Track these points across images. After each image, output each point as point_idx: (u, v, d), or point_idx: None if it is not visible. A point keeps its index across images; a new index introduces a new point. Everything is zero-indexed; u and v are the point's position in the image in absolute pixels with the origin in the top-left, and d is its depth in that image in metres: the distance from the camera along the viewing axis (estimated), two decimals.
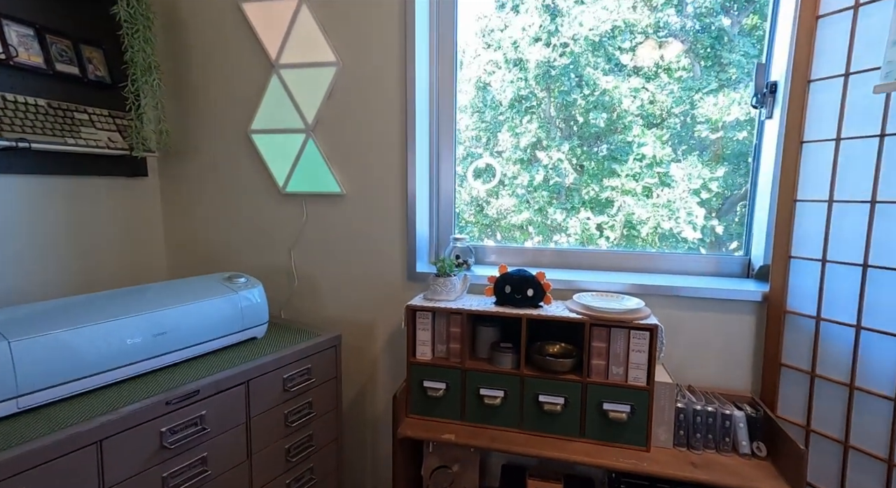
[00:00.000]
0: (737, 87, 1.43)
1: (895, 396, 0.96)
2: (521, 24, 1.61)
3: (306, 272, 1.55)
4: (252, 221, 1.58)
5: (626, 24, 1.51)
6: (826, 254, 1.06)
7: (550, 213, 1.70)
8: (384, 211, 1.45)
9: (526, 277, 1.20)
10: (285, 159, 1.49)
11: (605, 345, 1.12)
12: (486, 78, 1.68)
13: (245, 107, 1.51)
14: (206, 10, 1.50)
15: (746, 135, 1.40)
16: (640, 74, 1.52)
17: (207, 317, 1.13)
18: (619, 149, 1.59)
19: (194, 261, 1.67)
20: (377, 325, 1.52)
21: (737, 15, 1.48)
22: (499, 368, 1.19)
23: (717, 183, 1.49)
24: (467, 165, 1.64)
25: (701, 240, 1.58)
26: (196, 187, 1.62)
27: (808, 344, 1.10)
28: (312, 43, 1.41)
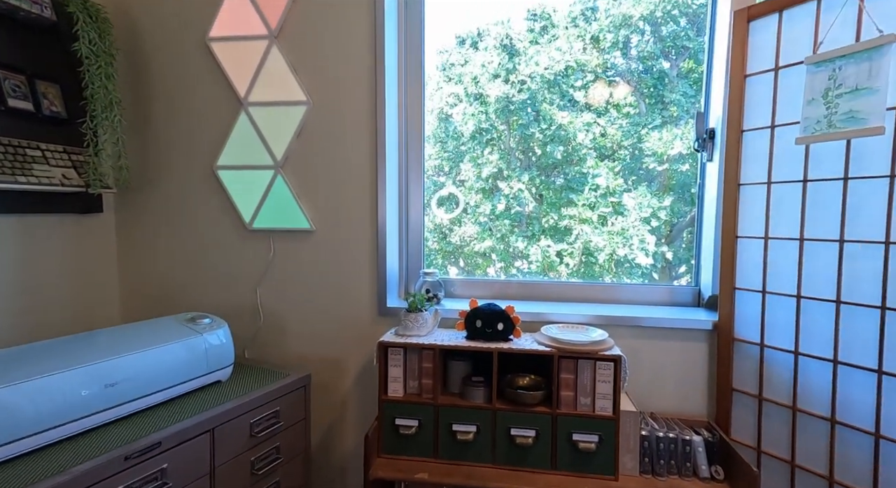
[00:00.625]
0: (678, 124, 1.56)
1: (831, 417, 1.06)
2: (481, 61, 1.71)
3: (273, 309, 1.52)
4: (216, 258, 1.54)
5: (577, 65, 1.63)
6: (765, 285, 1.17)
7: (512, 241, 1.76)
8: (354, 246, 1.46)
9: (496, 311, 1.24)
10: (252, 195, 1.48)
11: (572, 376, 1.16)
12: (448, 109, 1.75)
13: (211, 142, 1.50)
14: (173, 47, 1.49)
15: (689, 167, 1.53)
16: (592, 110, 1.64)
17: (168, 362, 1.08)
18: (576, 179, 1.68)
19: (151, 301, 1.59)
20: (346, 362, 1.50)
21: (675, 59, 1.64)
22: (471, 402, 1.21)
23: (665, 211, 1.61)
24: (431, 194, 1.68)
25: (653, 266, 1.69)
26: (156, 223, 1.57)
27: (755, 369, 1.19)
28: (282, 82, 1.43)
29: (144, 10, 1.49)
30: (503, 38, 1.73)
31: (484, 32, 1.73)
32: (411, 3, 1.48)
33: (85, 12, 1.26)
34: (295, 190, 1.47)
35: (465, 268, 1.80)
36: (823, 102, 1.00)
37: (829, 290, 1.05)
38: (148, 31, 1.50)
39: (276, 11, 1.40)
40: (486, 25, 1.71)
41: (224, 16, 1.43)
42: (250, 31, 1.42)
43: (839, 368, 1.04)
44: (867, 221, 1.00)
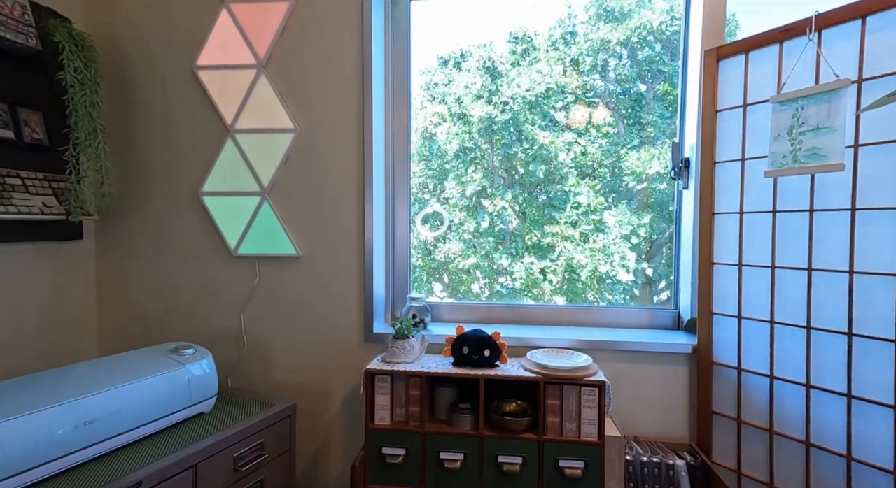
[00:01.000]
0: (655, 144, 1.62)
1: (806, 439, 1.09)
2: (465, 82, 1.76)
3: (257, 336, 1.51)
4: (199, 285, 1.52)
5: (558, 87, 1.69)
6: (741, 311, 1.21)
7: (496, 258, 1.79)
8: (341, 270, 1.46)
9: (483, 338, 1.25)
10: (238, 221, 1.48)
11: (558, 402, 1.18)
12: (433, 128, 1.79)
13: (197, 169, 1.49)
14: (159, 74, 1.49)
15: (667, 186, 1.58)
16: (573, 130, 1.69)
17: (150, 396, 1.06)
18: (558, 197, 1.73)
19: (132, 330, 1.56)
20: (332, 389, 1.48)
21: (651, 82, 1.71)
22: (458, 430, 1.21)
23: (645, 229, 1.66)
24: (416, 212, 1.71)
25: (634, 282, 1.73)
26: (138, 250, 1.54)
27: (734, 392, 1.23)
28: (270, 110, 1.44)
29: (131, 39, 1.50)
30: (486, 61, 1.79)
31: (467, 53, 1.78)
32: (397, 28, 1.52)
33: (71, 41, 1.26)
34: (281, 215, 1.47)
35: (449, 285, 1.82)
36: (788, 139, 1.06)
37: (801, 316, 1.10)
38: (134, 58, 1.50)
39: (265, 42, 1.42)
40: (468, 47, 1.76)
41: (212, 45, 1.44)
42: (239, 60, 1.43)
43: (812, 392, 1.09)
44: (832, 251, 1.05)
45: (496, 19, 1.71)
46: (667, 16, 1.64)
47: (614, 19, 1.72)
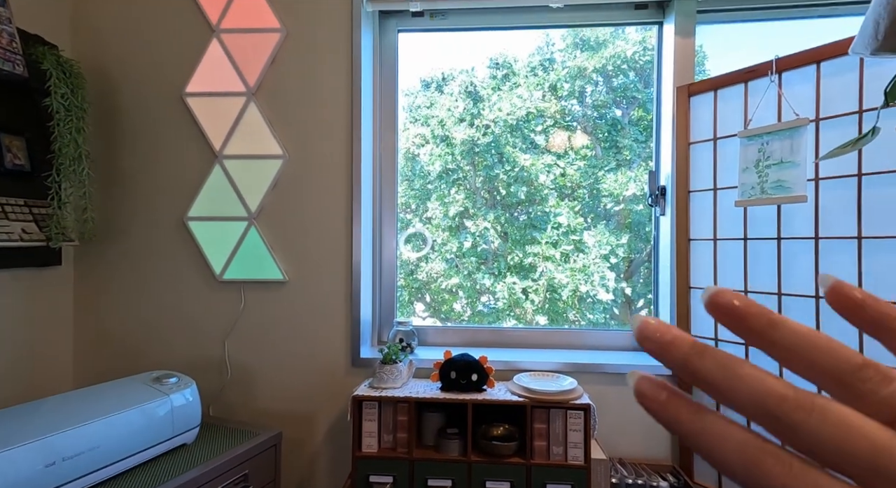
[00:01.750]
0: (631, 167, 1.69)
1: None
2: (447, 105, 1.81)
3: (241, 363, 1.48)
4: (182, 311, 1.50)
5: (537, 111, 1.76)
6: (717, 334, 1.27)
7: (479, 278, 1.81)
8: (328, 295, 1.46)
9: (470, 362, 1.27)
10: (224, 246, 1.47)
11: (545, 425, 1.19)
12: (415, 149, 1.82)
13: (183, 194, 1.49)
14: (147, 101, 1.50)
15: (643, 207, 1.65)
16: (552, 152, 1.75)
17: (131, 429, 1.03)
18: (539, 218, 1.77)
19: (111, 358, 1.52)
20: (318, 416, 1.47)
21: (626, 108, 1.79)
22: (446, 455, 1.21)
23: (623, 248, 1.71)
24: (399, 232, 1.73)
25: (614, 301, 1.77)
26: (119, 275, 1.52)
27: None
28: (259, 136, 1.46)
29: (119, 66, 1.50)
30: (468, 85, 1.84)
31: (449, 77, 1.83)
32: (385, 57, 1.57)
33: (58, 68, 1.26)
34: (268, 240, 1.47)
35: (431, 305, 1.83)
36: (756, 171, 1.14)
37: None
38: (122, 85, 1.50)
39: (255, 70, 1.45)
40: (450, 71, 1.82)
41: (202, 73, 1.46)
42: (228, 87, 1.45)
43: None
44: (799, 276, 1.12)
45: (477, 46, 1.78)
46: (639, 46, 1.73)
47: (590, 48, 1.80)
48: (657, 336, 0.18)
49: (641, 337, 0.18)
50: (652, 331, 0.18)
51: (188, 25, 1.47)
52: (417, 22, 1.57)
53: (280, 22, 1.44)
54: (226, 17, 1.45)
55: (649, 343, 0.18)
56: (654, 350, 0.18)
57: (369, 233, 1.54)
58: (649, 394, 0.17)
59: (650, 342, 0.18)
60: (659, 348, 0.17)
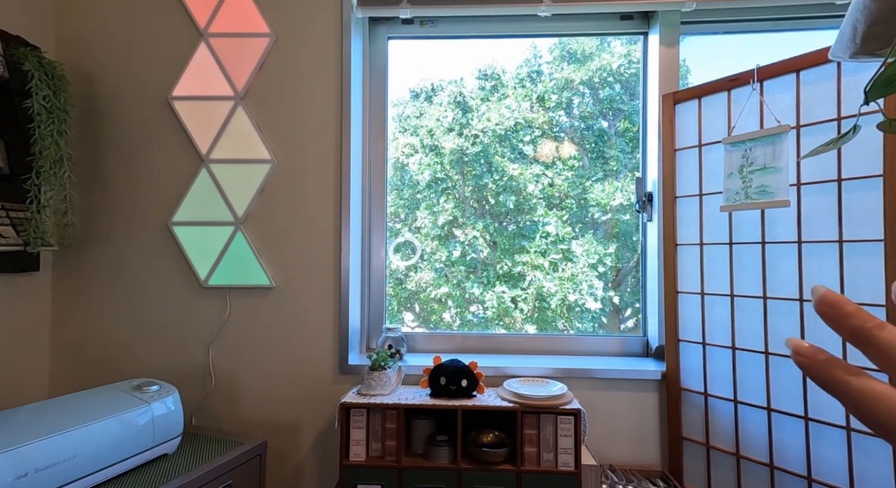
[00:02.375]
0: (618, 177, 1.72)
1: (770, 462, 1.14)
2: (436, 115, 1.82)
3: (226, 371, 1.45)
4: (164, 318, 1.46)
5: (525, 121, 1.77)
6: (705, 337, 1.27)
7: (468, 287, 1.81)
8: (316, 301, 1.44)
9: (460, 368, 1.26)
10: (209, 251, 1.45)
11: (535, 431, 1.18)
12: (405, 159, 1.82)
13: (167, 198, 1.46)
14: (132, 104, 1.48)
15: (630, 216, 1.67)
16: (541, 162, 1.77)
17: (109, 438, 1.00)
18: (527, 227, 1.78)
19: (91, 367, 1.47)
20: (304, 424, 1.44)
21: (612, 119, 1.82)
22: (435, 463, 1.19)
23: (611, 257, 1.72)
24: (388, 241, 1.72)
25: (602, 310, 1.78)
26: (100, 281, 1.48)
27: (702, 418, 1.27)
28: (247, 141, 1.44)
29: (104, 68, 1.48)
30: (457, 95, 1.86)
31: (438, 88, 1.84)
32: (375, 64, 1.57)
33: (41, 69, 1.23)
34: (255, 245, 1.45)
35: (420, 314, 1.82)
36: (740, 177, 1.16)
37: (759, 342, 1.17)
38: (107, 88, 1.48)
39: (244, 74, 1.44)
40: (439, 82, 1.83)
41: (189, 76, 1.44)
42: (216, 91, 1.44)
43: (773, 415, 1.14)
44: (783, 280, 1.13)
45: (466, 56, 1.80)
46: (624, 60, 1.77)
47: (577, 61, 1.83)
48: (839, 304, 0.20)
49: (821, 301, 0.20)
50: (833, 298, 0.20)
51: (175, 29, 1.46)
52: (407, 29, 1.59)
53: (269, 27, 1.44)
54: (214, 22, 1.44)
55: (829, 308, 0.20)
56: (832, 315, 0.20)
57: (358, 238, 1.52)
58: (808, 354, 0.20)
59: (830, 308, 0.20)
60: (839, 315, 0.20)
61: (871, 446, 1.00)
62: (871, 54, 0.51)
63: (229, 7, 1.44)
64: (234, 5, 1.44)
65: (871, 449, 1.00)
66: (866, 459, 1.00)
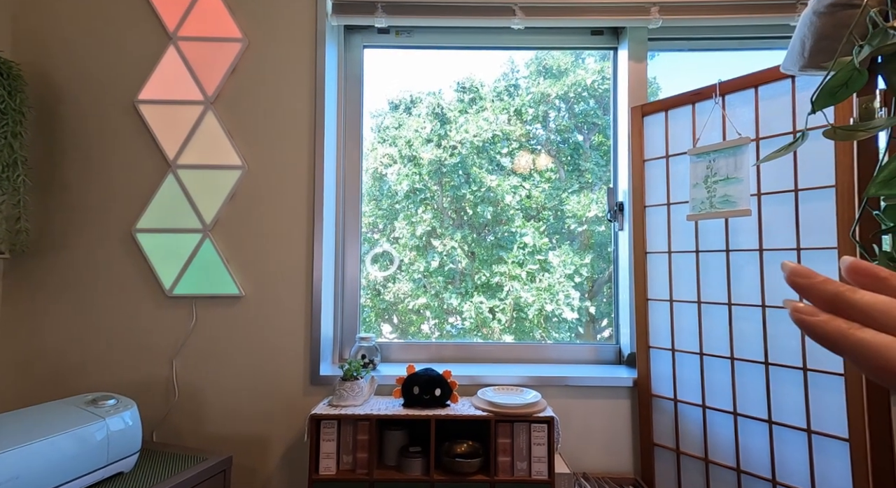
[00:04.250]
0: (593, 189, 1.75)
1: (737, 466, 1.16)
2: (415, 126, 1.82)
3: (190, 384, 1.39)
4: (126, 329, 1.40)
5: (503, 134, 1.79)
6: (674, 344, 1.30)
7: (446, 298, 1.80)
8: (287, 310, 1.41)
9: (434, 377, 1.24)
10: (175, 260, 1.40)
11: (508, 440, 1.17)
12: (383, 169, 1.82)
13: (131, 205, 1.41)
14: (95, 107, 1.42)
15: (605, 228, 1.70)
16: (518, 174, 1.79)
17: (59, 456, 0.94)
18: (505, 238, 1.79)
19: (41, 381, 1.39)
20: (273, 438, 1.39)
21: (587, 133, 1.86)
22: (408, 475, 1.17)
23: (587, 268, 1.75)
24: (365, 251, 1.70)
25: (578, 320, 1.80)
26: (55, 291, 1.41)
27: (672, 423, 1.29)
28: (216, 146, 1.41)
29: (66, 70, 1.43)
30: (435, 107, 1.87)
31: (417, 99, 1.85)
32: (350, 71, 1.57)
33: None
34: (224, 253, 1.41)
35: (398, 326, 1.79)
36: (705, 187, 1.19)
37: (725, 347, 1.20)
38: (68, 90, 1.43)
39: (214, 79, 1.41)
40: (418, 93, 1.84)
41: (156, 80, 1.41)
42: (185, 96, 1.41)
43: (739, 419, 1.17)
44: (747, 287, 1.17)
45: (444, 68, 1.81)
46: (598, 75, 1.82)
47: (552, 76, 1.87)
48: (812, 274, 0.22)
49: (794, 273, 0.22)
50: (804, 271, 0.22)
51: (143, 32, 1.43)
52: (383, 38, 1.59)
53: (241, 32, 1.42)
54: (184, 25, 1.42)
55: (803, 278, 0.22)
56: (807, 284, 0.21)
57: (332, 247, 1.50)
58: (808, 312, 0.21)
59: (804, 277, 0.21)
60: (814, 284, 0.21)
61: (831, 448, 1.03)
62: (818, 67, 0.54)
63: (200, 11, 1.42)
64: (205, 9, 1.42)
65: (831, 450, 1.03)
66: (826, 460, 1.03)
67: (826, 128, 0.45)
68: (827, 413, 1.04)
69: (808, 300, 0.22)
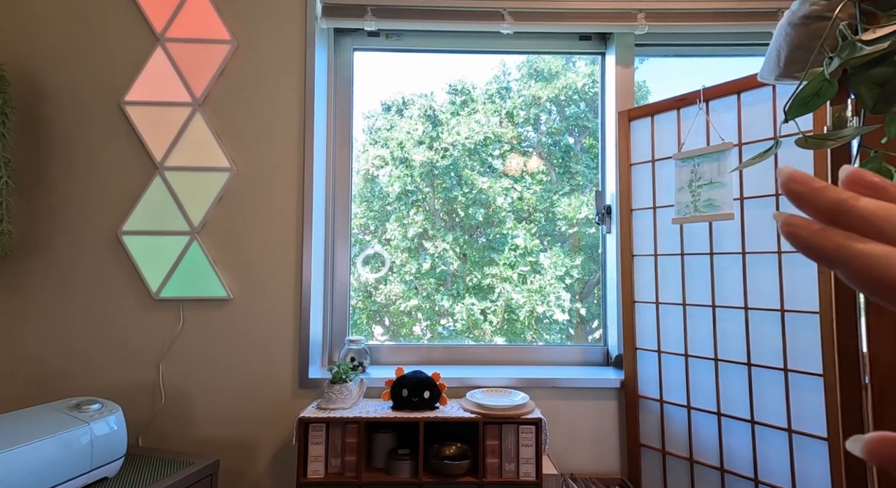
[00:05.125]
0: (584, 191, 1.77)
1: (720, 466, 1.18)
2: (407, 128, 1.83)
3: (177, 387, 1.38)
4: (111, 332, 1.38)
5: (495, 136, 1.81)
6: (660, 345, 1.32)
7: (438, 300, 1.80)
8: (275, 313, 1.40)
9: (423, 379, 1.24)
10: (162, 262, 1.39)
11: (497, 442, 1.18)
12: (374, 171, 1.82)
13: (117, 207, 1.40)
14: (80, 108, 1.41)
15: (595, 230, 1.71)
16: (509, 176, 1.80)
17: (41, 461, 0.93)
18: (497, 240, 1.80)
19: (22, 385, 1.37)
20: (261, 442, 1.38)
21: (578, 136, 1.88)
22: (397, 478, 1.17)
23: (577, 270, 1.76)
24: (356, 252, 1.69)
25: (569, 322, 1.81)
26: (37, 294, 1.39)
27: (658, 424, 1.31)
28: (205, 148, 1.40)
29: (51, 71, 1.41)
30: (427, 109, 1.87)
31: (409, 101, 1.86)
32: (341, 74, 1.57)
33: None
34: (212, 256, 1.40)
35: (390, 328, 1.79)
36: (689, 191, 1.21)
37: (709, 349, 1.22)
38: (53, 90, 1.41)
39: (202, 81, 1.41)
40: (410, 95, 1.85)
41: (144, 81, 1.40)
42: (172, 97, 1.40)
43: (723, 420, 1.19)
44: (730, 289, 1.19)
45: (436, 71, 1.82)
46: (588, 79, 1.84)
47: (543, 79, 1.88)
48: (810, 179, 0.19)
49: (790, 179, 0.19)
50: (803, 175, 0.19)
51: (130, 33, 1.42)
52: (373, 41, 1.60)
53: (230, 34, 1.42)
54: (172, 26, 1.41)
55: (800, 185, 0.19)
56: (804, 191, 0.19)
57: (321, 249, 1.50)
58: (802, 224, 0.19)
59: (802, 184, 0.19)
60: (812, 190, 0.19)
61: (811, 447, 1.05)
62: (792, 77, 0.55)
63: (188, 12, 1.41)
64: (193, 11, 1.41)
65: (810, 449, 1.05)
66: (806, 459, 1.06)
67: (798, 138, 0.47)
68: (807, 412, 1.06)
69: (804, 210, 0.20)
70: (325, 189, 1.52)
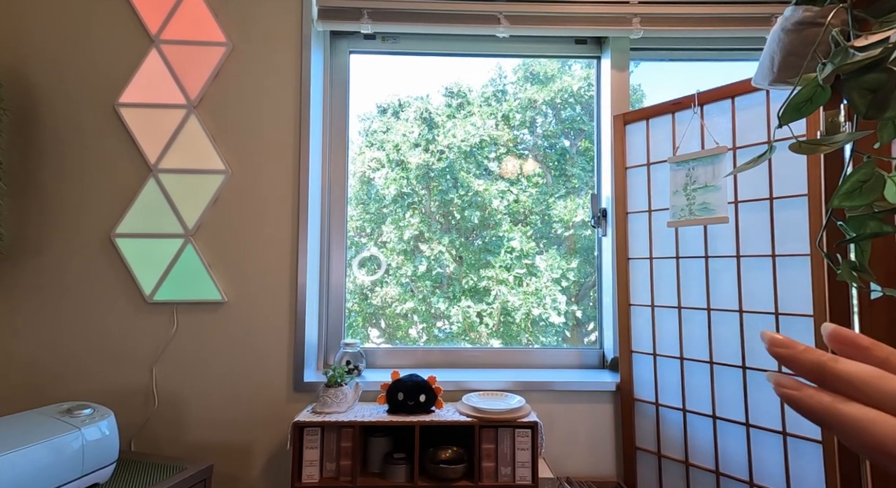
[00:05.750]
0: (579, 194, 1.77)
1: (716, 468, 1.18)
2: (403, 131, 1.83)
3: (171, 391, 1.37)
4: (104, 336, 1.37)
5: (491, 139, 1.81)
6: (655, 348, 1.32)
7: (434, 302, 1.80)
8: (271, 316, 1.39)
9: (418, 383, 1.24)
10: (156, 265, 1.37)
11: (493, 446, 1.18)
12: (371, 173, 1.81)
13: (110, 209, 1.39)
14: (74, 110, 1.40)
15: (591, 232, 1.72)
16: (505, 179, 1.80)
17: (31, 467, 0.91)
18: (493, 242, 1.80)
19: (13, 389, 1.35)
20: (256, 447, 1.37)
21: (573, 139, 1.88)
22: (392, 482, 1.16)
23: (573, 272, 1.76)
24: (352, 255, 1.69)
25: (565, 324, 1.81)
26: (29, 298, 1.37)
27: (653, 427, 1.31)
28: (199, 150, 1.39)
29: (44, 73, 1.40)
30: (423, 112, 1.87)
31: (405, 104, 1.86)
32: (337, 77, 1.57)
33: None
34: (207, 259, 1.39)
35: (386, 331, 1.79)
36: (684, 194, 1.22)
37: (704, 352, 1.22)
38: (46, 92, 1.40)
39: (197, 83, 1.40)
40: (406, 98, 1.85)
41: (138, 83, 1.39)
42: (167, 99, 1.39)
43: (718, 423, 1.19)
44: (725, 292, 1.20)
45: (433, 74, 1.82)
46: (584, 82, 1.84)
47: (539, 82, 1.89)
48: (791, 343, 0.21)
49: (774, 343, 0.21)
50: (783, 341, 0.21)
51: (124, 34, 1.41)
52: (369, 44, 1.60)
53: (225, 36, 1.42)
54: (167, 28, 1.40)
55: (783, 349, 0.21)
56: (788, 354, 0.21)
57: (316, 251, 1.49)
58: (792, 386, 0.20)
59: (784, 348, 0.21)
60: (794, 353, 0.21)
61: (806, 450, 1.05)
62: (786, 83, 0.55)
63: (183, 14, 1.41)
64: (188, 13, 1.41)
65: (805, 451, 1.05)
66: (801, 462, 1.06)
67: (792, 142, 0.47)
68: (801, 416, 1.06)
69: (791, 371, 0.21)
70: (320, 191, 1.52)
